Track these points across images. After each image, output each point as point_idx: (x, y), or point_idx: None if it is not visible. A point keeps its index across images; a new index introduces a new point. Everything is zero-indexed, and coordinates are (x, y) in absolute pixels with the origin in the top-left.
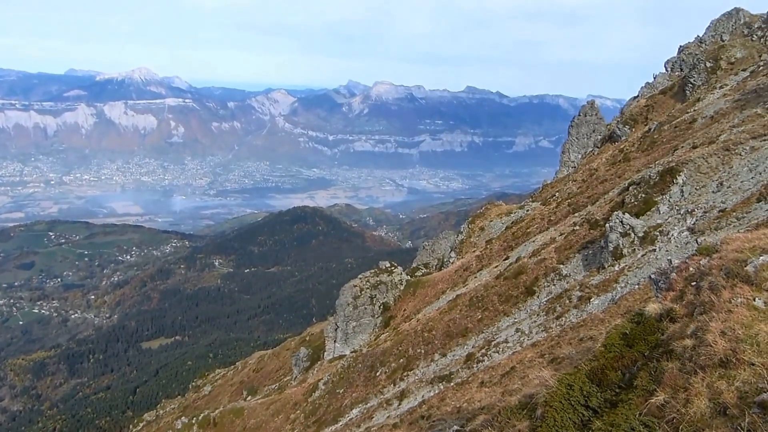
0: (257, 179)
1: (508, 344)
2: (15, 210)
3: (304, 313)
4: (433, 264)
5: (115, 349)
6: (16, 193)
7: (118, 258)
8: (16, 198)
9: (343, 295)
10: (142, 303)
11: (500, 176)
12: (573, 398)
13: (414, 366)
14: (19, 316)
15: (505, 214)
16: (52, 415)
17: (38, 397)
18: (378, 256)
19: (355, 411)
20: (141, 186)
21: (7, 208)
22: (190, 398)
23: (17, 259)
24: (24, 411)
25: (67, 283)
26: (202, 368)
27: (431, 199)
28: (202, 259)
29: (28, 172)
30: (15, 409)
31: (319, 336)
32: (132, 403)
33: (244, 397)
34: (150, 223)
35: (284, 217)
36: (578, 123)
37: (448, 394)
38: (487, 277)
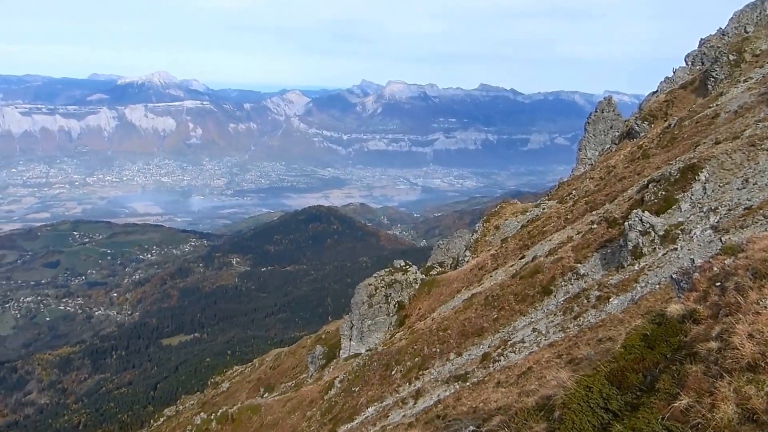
0: (273, 179)
1: (524, 344)
2: (41, 210)
3: (319, 311)
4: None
5: (136, 346)
6: (42, 194)
7: (139, 257)
8: (42, 199)
9: (358, 294)
10: (162, 301)
11: (515, 174)
12: (592, 400)
13: (429, 365)
14: (45, 312)
15: (520, 213)
16: (77, 408)
17: (64, 391)
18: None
19: (370, 409)
20: (161, 187)
21: (34, 209)
22: (208, 394)
23: (43, 257)
24: (50, 404)
25: (90, 281)
26: (220, 365)
27: (445, 198)
28: (219, 258)
29: (54, 174)
30: (42, 402)
31: (335, 334)
32: (153, 399)
33: (261, 394)
34: (169, 222)
35: (300, 216)
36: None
37: (464, 394)
38: (502, 276)
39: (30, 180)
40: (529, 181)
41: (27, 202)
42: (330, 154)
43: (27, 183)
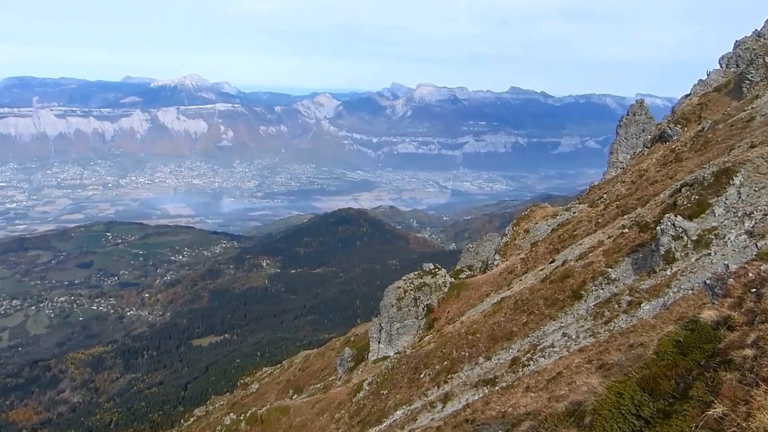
0: (303, 181)
1: (554, 349)
2: (75, 211)
3: (348, 313)
4: (477, 266)
5: (167, 346)
6: (77, 195)
7: (171, 258)
8: (76, 200)
9: (387, 297)
10: (193, 302)
11: (545, 178)
12: (623, 407)
13: (458, 369)
14: (79, 312)
15: (550, 216)
16: (109, 407)
17: (96, 390)
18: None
19: (399, 412)
20: (192, 189)
21: (68, 210)
22: (238, 395)
23: (77, 258)
24: (83, 403)
25: (123, 282)
26: (249, 366)
27: (475, 201)
28: (250, 260)
29: (88, 176)
30: (75, 401)
31: (364, 336)
32: (183, 399)
33: (290, 395)
34: (200, 224)
35: (329, 219)
36: (627, 123)
37: (493, 398)
38: (532, 280)
39: (64, 181)
40: (559, 185)
41: (61, 203)
42: (360, 157)
43: (61, 184)
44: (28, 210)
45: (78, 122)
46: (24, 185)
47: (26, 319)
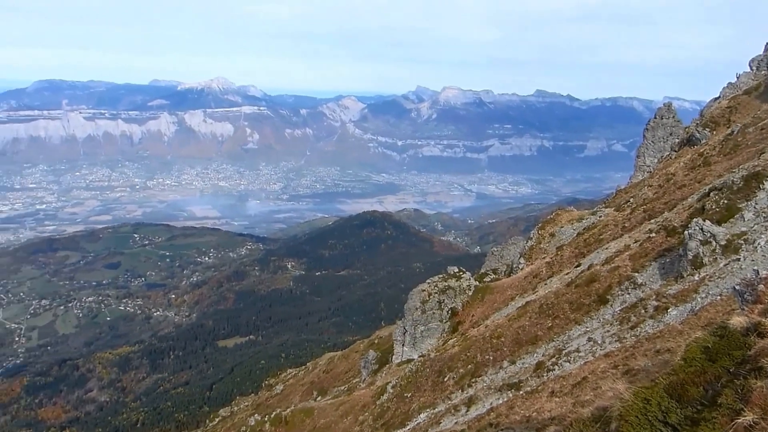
0: (328, 184)
1: (579, 354)
2: (103, 213)
3: (372, 316)
4: (502, 270)
5: (193, 347)
6: (105, 197)
7: (197, 259)
8: (104, 201)
9: (411, 300)
10: (219, 303)
11: (571, 181)
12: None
13: (482, 372)
14: (106, 312)
15: (576, 220)
16: (136, 407)
17: (123, 389)
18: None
19: (422, 416)
20: (218, 191)
21: (96, 211)
22: (262, 396)
23: (105, 259)
24: (110, 402)
25: (150, 283)
26: (274, 367)
27: (500, 205)
28: (275, 262)
29: (116, 178)
30: (102, 400)
31: (388, 339)
32: (208, 399)
33: (315, 397)
34: (226, 226)
35: (354, 221)
36: (654, 126)
37: (517, 403)
38: (557, 285)
39: (93, 183)
40: (585, 189)
41: (90, 204)
42: (384, 160)
43: (90, 186)
44: (57, 211)
45: (106, 125)
46: (53, 187)
47: (55, 318)
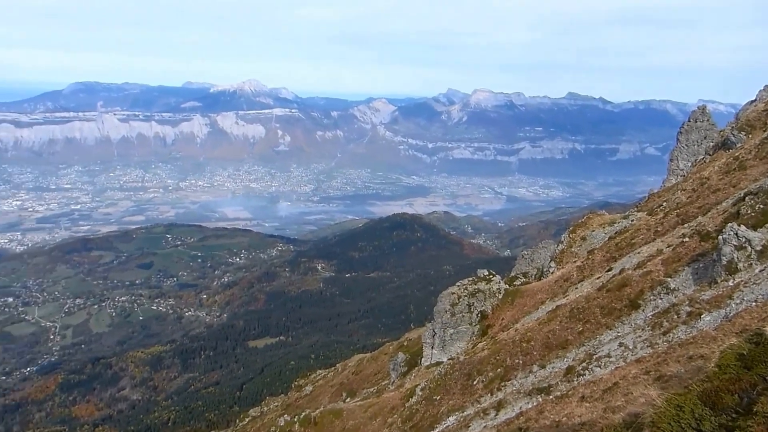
0: (358, 186)
1: (610, 359)
2: (137, 213)
3: (402, 318)
4: (532, 273)
5: (224, 347)
6: (138, 197)
7: (228, 260)
8: (138, 202)
9: (440, 302)
10: (249, 303)
11: (603, 185)
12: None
13: (511, 376)
14: (139, 312)
15: (608, 224)
16: (167, 405)
17: (155, 388)
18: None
19: (451, 418)
20: (250, 192)
21: (130, 212)
22: (292, 397)
23: (138, 259)
24: (142, 400)
25: (181, 283)
26: (303, 368)
27: (530, 208)
28: (305, 263)
29: (149, 179)
30: (134, 398)
31: (417, 341)
32: (238, 399)
33: (344, 398)
34: (258, 227)
35: (384, 223)
36: (688, 129)
37: (547, 407)
38: (588, 289)
39: (126, 184)
40: (617, 192)
41: (123, 205)
42: (415, 162)
43: (124, 187)
44: (91, 211)
45: (140, 126)
46: (88, 187)
47: (89, 317)
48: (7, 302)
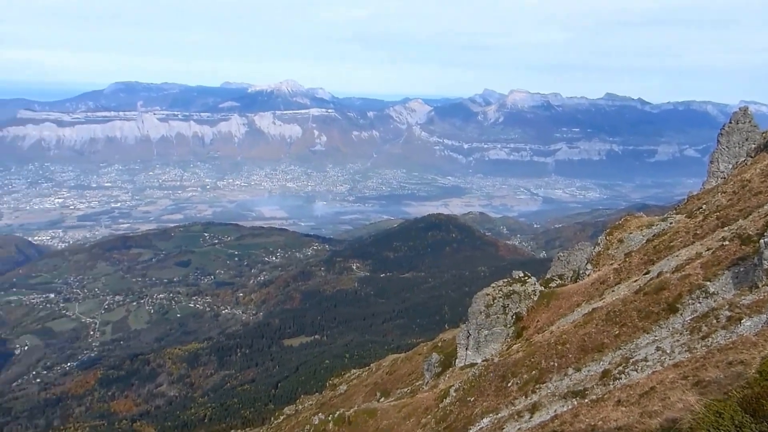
0: (394, 186)
1: (647, 363)
2: (175, 212)
3: (436, 319)
4: (568, 275)
5: (259, 345)
6: (177, 196)
7: (264, 259)
8: (176, 201)
9: (475, 303)
10: (285, 302)
11: (641, 186)
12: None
13: (546, 379)
14: (177, 309)
15: (645, 227)
16: (203, 402)
17: (191, 385)
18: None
19: (485, 420)
20: (286, 192)
21: (169, 210)
22: (326, 396)
23: (176, 257)
24: (179, 397)
25: (218, 281)
26: (338, 367)
27: (567, 209)
28: (340, 263)
29: (187, 178)
30: (171, 394)
31: (451, 342)
32: (273, 397)
33: (377, 398)
34: (293, 226)
35: (419, 224)
36: (729, 131)
37: (582, 411)
38: (625, 292)
39: (165, 183)
40: (655, 194)
41: (162, 203)
42: (450, 163)
43: (163, 186)
44: (131, 210)
45: (179, 126)
46: (128, 186)
47: (128, 314)
48: (49, 298)
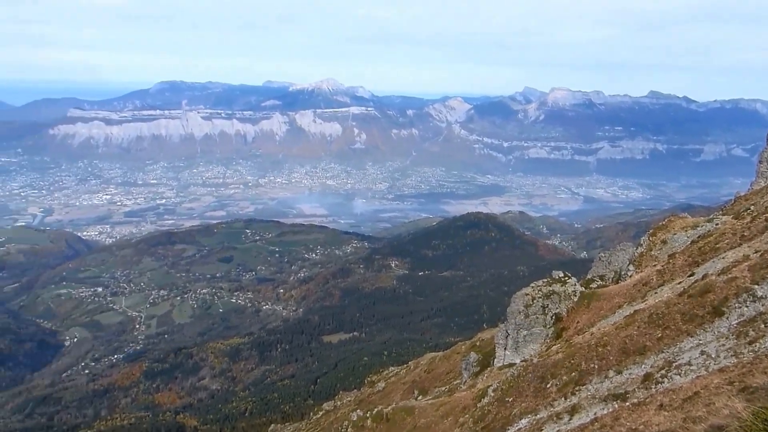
0: (433, 184)
1: (691, 367)
2: (218, 209)
3: (474, 318)
4: (609, 276)
5: (299, 341)
6: (220, 193)
7: (305, 255)
8: (219, 198)
9: (514, 303)
10: (324, 299)
11: (686, 186)
12: None
13: (586, 381)
14: (219, 304)
15: (690, 227)
16: (244, 396)
17: (233, 378)
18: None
19: (523, 421)
20: (326, 189)
21: (212, 207)
22: (365, 392)
23: (219, 253)
24: (221, 390)
25: (260, 277)
26: (376, 365)
27: (608, 209)
28: (379, 261)
29: (230, 175)
30: (213, 388)
31: (489, 342)
32: (313, 392)
33: (415, 396)
34: (333, 224)
35: (458, 222)
36: None
37: (623, 414)
38: (668, 294)
39: (209, 180)
40: (701, 194)
41: (205, 200)
42: (490, 161)
43: (206, 183)
44: (176, 206)
45: (222, 124)
46: (173, 183)
47: (172, 308)
48: (97, 292)
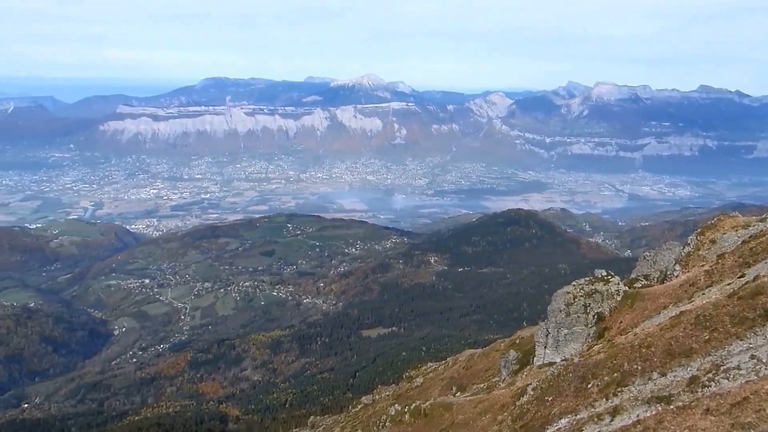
0: (473, 180)
1: (740, 371)
2: (260, 203)
3: (514, 315)
4: (654, 276)
5: (338, 334)
6: (262, 188)
7: (345, 250)
8: (261, 192)
9: (555, 301)
10: (364, 293)
11: (737, 185)
12: None
13: (629, 382)
14: (261, 297)
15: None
16: (285, 388)
17: (274, 370)
18: (593, 263)
19: (563, 421)
20: (366, 184)
21: (254, 201)
22: (403, 387)
23: (261, 246)
24: (262, 381)
25: (300, 271)
26: (414, 360)
27: (654, 207)
28: (418, 256)
29: (272, 170)
30: (255, 379)
31: (529, 340)
32: (351, 386)
33: (453, 392)
34: (373, 219)
35: (498, 218)
36: None
37: (667, 417)
38: (717, 295)
39: (252, 175)
40: (753, 193)
41: (248, 195)
42: (531, 157)
43: (249, 178)
44: (219, 201)
45: (265, 120)
46: (217, 178)
47: (216, 300)
48: (144, 283)
